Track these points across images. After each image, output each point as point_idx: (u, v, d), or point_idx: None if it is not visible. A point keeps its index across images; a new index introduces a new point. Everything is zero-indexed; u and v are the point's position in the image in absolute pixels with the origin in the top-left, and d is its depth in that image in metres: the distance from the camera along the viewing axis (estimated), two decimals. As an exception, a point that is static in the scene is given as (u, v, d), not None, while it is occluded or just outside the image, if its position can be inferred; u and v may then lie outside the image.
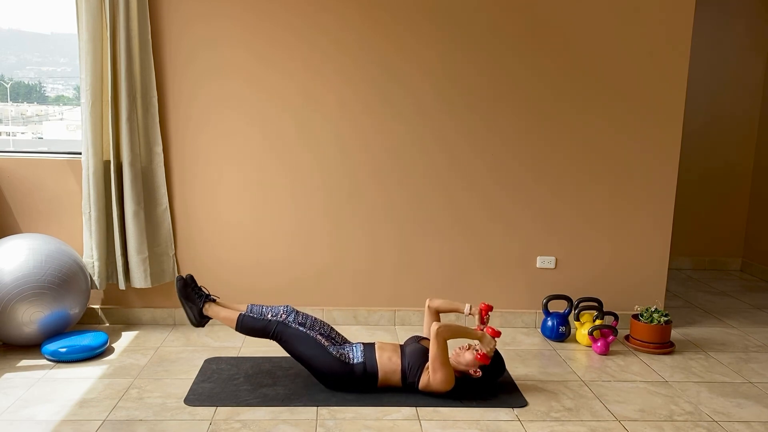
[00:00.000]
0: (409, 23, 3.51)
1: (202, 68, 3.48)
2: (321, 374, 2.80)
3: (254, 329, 2.82)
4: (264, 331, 2.81)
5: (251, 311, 2.88)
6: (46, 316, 3.15)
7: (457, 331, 2.72)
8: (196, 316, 2.89)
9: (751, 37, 5.22)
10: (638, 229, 3.76)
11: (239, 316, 2.83)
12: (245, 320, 2.82)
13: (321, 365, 2.78)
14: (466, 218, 3.70)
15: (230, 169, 3.58)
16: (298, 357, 2.81)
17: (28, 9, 3.90)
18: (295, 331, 2.80)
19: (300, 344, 2.79)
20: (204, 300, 2.90)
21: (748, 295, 4.72)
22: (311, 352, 2.78)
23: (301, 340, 2.79)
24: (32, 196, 3.54)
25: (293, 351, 2.81)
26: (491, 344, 2.75)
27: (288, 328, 2.81)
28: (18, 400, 2.69)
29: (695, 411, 2.76)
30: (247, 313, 2.87)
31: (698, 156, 5.33)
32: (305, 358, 2.79)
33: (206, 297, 2.91)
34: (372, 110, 3.57)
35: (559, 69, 3.59)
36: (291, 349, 2.81)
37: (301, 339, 2.79)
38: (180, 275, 2.90)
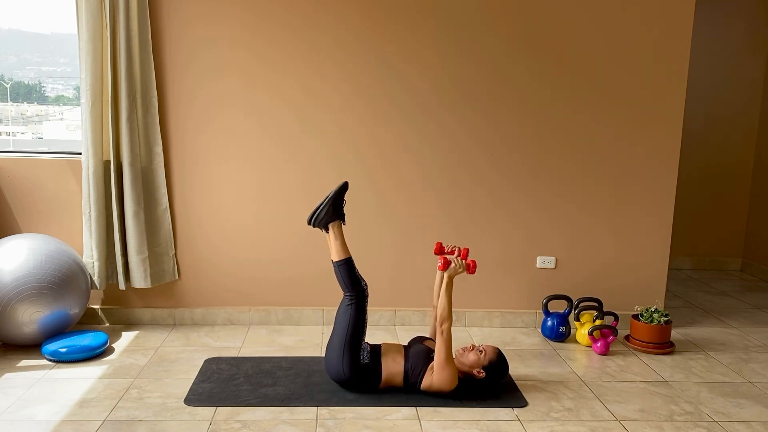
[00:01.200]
0: (409, 23, 3.51)
1: (202, 68, 3.48)
2: (335, 362, 2.78)
3: (350, 274, 2.80)
4: (353, 284, 2.80)
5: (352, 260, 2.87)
6: (46, 316, 3.15)
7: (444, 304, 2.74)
8: (322, 219, 2.85)
9: (751, 37, 5.22)
10: (638, 229, 3.76)
11: (349, 258, 2.82)
12: (352, 262, 2.82)
13: (344, 353, 2.76)
14: (467, 218, 3.70)
15: (230, 169, 3.58)
16: (341, 330, 2.78)
17: (28, 9, 3.90)
18: (364, 311, 2.80)
19: (353, 323, 2.78)
20: (341, 217, 2.88)
21: (748, 295, 4.72)
22: (351, 336, 2.77)
23: (358, 321, 2.78)
24: (32, 196, 3.54)
25: (344, 321, 2.79)
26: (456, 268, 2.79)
27: (364, 302, 2.81)
28: (18, 400, 2.69)
29: (695, 411, 2.76)
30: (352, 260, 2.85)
31: (698, 156, 5.33)
32: (343, 336, 2.77)
33: (343, 217, 2.90)
34: (372, 110, 3.57)
35: (558, 70, 3.59)
36: (346, 317, 2.79)
37: (358, 320, 2.78)
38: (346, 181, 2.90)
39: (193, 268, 3.65)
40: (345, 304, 2.81)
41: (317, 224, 2.87)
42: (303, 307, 3.73)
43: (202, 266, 3.65)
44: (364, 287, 2.82)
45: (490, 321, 3.80)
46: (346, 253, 2.83)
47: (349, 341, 2.77)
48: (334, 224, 2.86)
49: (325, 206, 2.85)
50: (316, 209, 2.86)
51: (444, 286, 2.78)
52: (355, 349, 2.77)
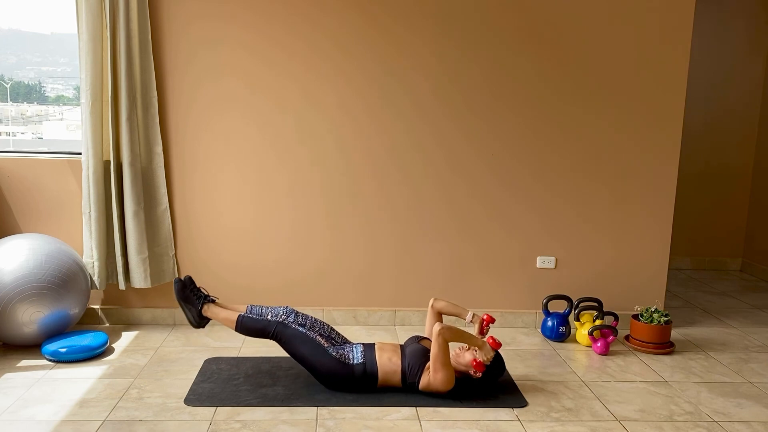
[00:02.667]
0: (409, 23, 3.51)
1: (202, 68, 3.48)
2: (321, 375, 2.80)
3: (254, 330, 2.82)
4: (264, 331, 2.82)
5: (251, 312, 2.88)
6: (46, 316, 3.15)
7: (458, 334, 2.72)
8: (195, 317, 2.89)
9: (751, 37, 5.22)
10: (638, 229, 3.76)
11: (239, 316, 2.84)
12: (245, 321, 2.83)
13: (321, 366, 2.78)
14: (466, 218, 3.70)
15: (230, 169, 3.58)
16: (298, 357, 2.81)
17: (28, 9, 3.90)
18: (295, 331, 2.81)
19: (300, 345, 2.79)
20: (203, 301, 2.90)
21: (748, 295, 4.72)
22: (311, 352, 2.78)
23: (301, 340, 2.79)
24: (32, 196, 3.54)
25: (293, 351, 2.81)
26: (489, 354, 2.77)
27: (287, 328, 2.81)
28: (18, 400, 2.69)
29: (695, 411, 2.76)
30: (247, 313, 2.87)
31: (698, 156, 5.33)
32: (305, 359, 2.79)
33: (205, 298, 2.91)
34: (372, 111, 3.57)
35: (559, 69, 3.59)
36: (291, 349, 2.81)
37: (300, 339, 2.79)
38: (178, 277, 2.90)
39: (193, 268, 3.65)
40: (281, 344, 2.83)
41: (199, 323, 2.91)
42: (303, 307, 3.73)
43: (202, 266, 3.65)
44: (277, 320, 2.82)
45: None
46: (233, 319, 2.84)
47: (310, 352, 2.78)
48: (206, 309, 2.89)
49: (184, 310, 2.90)
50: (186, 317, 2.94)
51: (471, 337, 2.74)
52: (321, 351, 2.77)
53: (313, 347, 2.78)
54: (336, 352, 2.80)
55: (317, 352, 2.78)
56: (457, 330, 2.72)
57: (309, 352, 2.78)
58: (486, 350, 2.76)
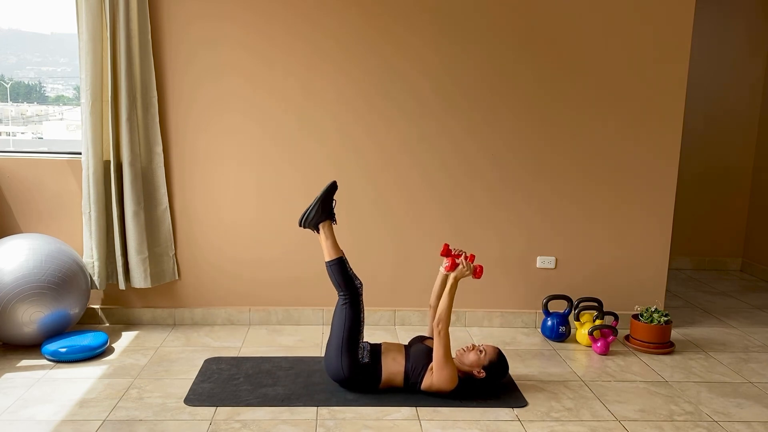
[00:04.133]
0: (409, 23, 3.51)
1: (202, 68, 3.48)
2: (334, 362, 2.78)
3: (342, 275, 2.80)
4: (346, 284, 2.80)
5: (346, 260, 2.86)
6: (46, 316, 3.15)
7: (445, 307, 2.72)
8: (312, 220, 2.85)
9: (751, 37, 5.22)
10: (638, 229, 3.76)
11: (340, 257, 2.82)
12: (344, 261, 2.82)
13: (343, 355, 2.76)
14: (467, 218, 3.70)
15: (230, 169, 3.58)
16: (338, 329, 2.79)
17: (28, 9, 3.90)
18: (359, 309, 2.80)
19: (349, 321, 2.78)
20: (331, 217, 2.88)
21: (748, 295, 4.72)
22: (349, 336, 2.77)
23: (354, 320, 2.78)
24: (32, 196, 3.54)
25: (340, 321, 2.79)
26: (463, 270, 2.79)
27: (359, 300, 2.81)
28: (18, 400, 2.69)
29: (695, 411, 2.76)
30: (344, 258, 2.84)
31: (698, 156, 5.33)
32: (340, 335, 2.78)
33: (333, 217, 2.89)
34: (372, 110, 3.57)
35: (558, 69, 3.59)
36: (342, 316, 2.79)
37: (354, 319, 2.78)
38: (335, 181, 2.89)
39: (193, 268, 3.65)
40: (340, 305, 2.81)
41: (308, 225, 2.87)
42: (303, 307, 3.73)
43: (202, 266, 3.65)
44: (357, 286, 2.82)
45: (490, 321, 3.80)
46: (337, 252, 2.83)
47: (346, 341, 2.77)
48: (325, 224, 2.86)
49: (314, 207, 2.85)
50: (306, 210, 2.86)
51: (448, 288, 2.77)
52: (353, 349, 2.77)
53: (354, 336, 2.78)
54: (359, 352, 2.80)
55: (351, 341, 2.77)
56: (442, 307, 2.72)
57: (348, 335, 2.77)
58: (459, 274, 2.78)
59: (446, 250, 2.92)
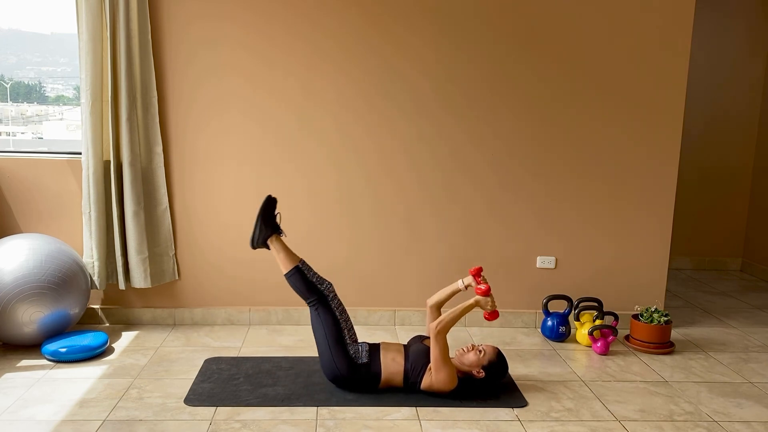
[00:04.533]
0: (409, 23, 3.51)
1: (202, 68, 3.48)
2: (329, 367, 2.79)
3: (302, 283, 2.79)
4: (308, 291, 2.79)
5: (304, 267, 2.83)
6: (46, 316, 3.15)
7: (453, 318, 2.72)
8: (258, 239, 2.85)
9: (751, 37, 5.22)
10: (638, 229, 3.76)
11: (298, 263, 2.81)
12: (300, 271, 2.79)
13: (334, 358, 2.76)
14: (466, 218, 3.70)
15: (230, 169, 3.58)
16: (319, 338, 2.79)
17: (28, 9, 3.90)
18: (332, 312, 2.79)
19: (328, 328, 2.77)
20: (277, 231, 2.87)
21: (748, 295, 4.72)
22: (333, 340, 2.77)
23: (331, 324, 2.78)
24: (32, 196, 3.54)
25: (319, 329, 2.79)
26: (488, 302, 2.78)
27: (329, 303, 2.80)
28: (18, 400, 2.69)
29: (695, 411, 2.76)
30: (301, 266, 2.82)
31: (698, 156, 5.33)
32: (325, 343, 2.78)
33: (279, 229, 2.88)
34: (372, 110, 3.57)
35: (558, 69, 3.59)
36: (318, 325, 2.79)
37: (331, 323, 2.78)
38: (272, 196, 2.88)
39: (193, 268, 3.66)
40: (313, 314, 2.81)
41: (258, 245, 2.87)
42: (303, 307, 3.73)
43: (202, 266, 3.65)
44: (323, 290, 2.81)
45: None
46: (293, 261, 2.82)
47: (333, 344, 2.77)
48: (272, 239, 2.86)
49: (257, 226, 2.86)
50: (252, 232, 2.87)
51: (464, 306, 2.76)
52: (342, 347, 2.77)
53: (338, 337, 2.77)
54: (351, 349, 2.80)
55: (338, 343, 2.77)
56: (450, 316, 2.72)
57: (332, 339, 2.77)
58: (482, 303, 2.78)
59: (478, 271, 2.92)
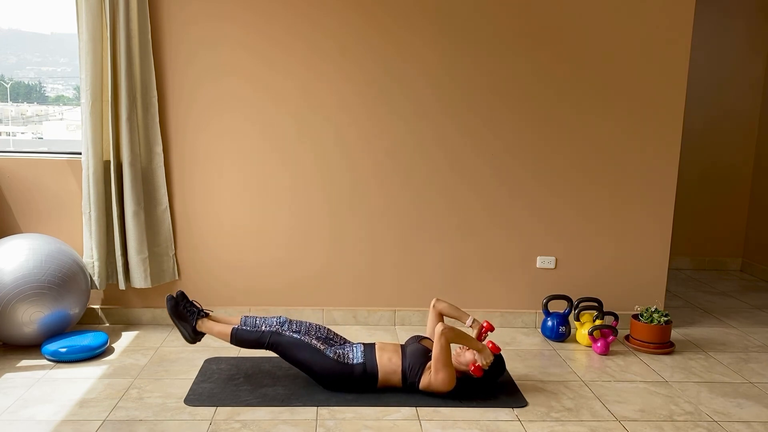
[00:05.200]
0: (409, 23, 3.51)
1: (202, 68, 3.48)
2: (321, 377, 2.80)
3: (249, 341, 2.83)
4: (258, 342, 2.82)
5: (245, 323, 2.89)
6: (46, 316, 3.15)
7: (460, 336, 2.72)
8: (190, 333, 2.88)
9: (751, 37, 5.22)
10: (638, 229, 3.76)
11: (233, 329, 2.83)
12: (239, 333, 2.83)
13: (319, 368, 2.78)
14: (466, 218, 3.70)
15: (230, 169, 3.58)
16: (297, 363, 2.82)
17: (28, 9, 3.90)
18: (290, 338, 2.81)
19: (297, 351, 2.80)
20: (197, 317, 2.89)
21: (748, 295, 4.72)
22: (308, 356, 2.79)
23: (297, 346, 2.80)
24: (32, 196, 3.54)
25: (291, 358, 2.82)
26: (489, 358, 2.77)
27: (282, 337, 2.82)
28: (18, 400, 2.69)
29: (695, 411, 2.76)
30: (241, 326, 2.87)
31: (698, 156, 5.33)
32: (303, 364, 2.80)
33: (198, 313, 2.90)
34: (372, 111, 3.57)
35: (559, 69, 3.59)
36: (289, 356, 2.82)
37: (296, 346, 2.80)
38: (171, 294, 2.88)
39: (193, 268, 3.66)
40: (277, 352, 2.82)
41: (195, 338, 2.89)
42: (303, 307, 3.73)
43: (202, 266, 3.65)
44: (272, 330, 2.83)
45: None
46: (227, 333, 2.83)
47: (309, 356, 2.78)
48: (201, 325, 2.87)
49: (178, 327, 2.88)
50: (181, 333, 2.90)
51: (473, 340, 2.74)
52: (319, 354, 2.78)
53: (311, 351, 2.79)
54: (334, 352, 2.80)
55: (315, 355, 2.78)
56: (459, 331, 2.72)
57: (306, 356, 2.79)
58: (485, 354, 2.76)
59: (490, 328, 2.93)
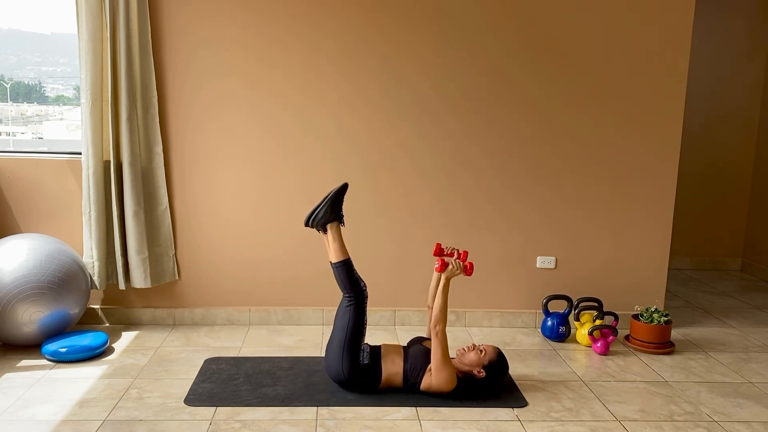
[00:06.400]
0: (409, 23, 3.51)
1: (202, 68, 3.48)
2: (335, 364, 2.78)
3: (349, 276, 2.80)
4: (351, 286, 2.79)
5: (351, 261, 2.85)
6: (46, 316, 3.15)
7: (439, 307, 2.72)
8: (320, 220, 2.83)
9: (751, 37, 5.22)
10: (638, 229, 3.76)
11: (347, 259, 2.82)
12: (350, 263, 2.81)
13: (344, 354, 2.76)
14: (466, 218, 3.70)
15: (230, 169, 3.58)
16: (340, 330, 2.78)
17: (28, 9, 3.90)
18: (363, 312, 2.79)
19: (352, 324, 2.77)
20: (339, 219, 2.87)
21: (748, 295, 4.72)
22: (350, 337, 2.76)
23: (357, 322, 2.77)
24: (32, 196, 3.54)
25: (344, 321, 2.78)
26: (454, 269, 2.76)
27: (363, 304, 2.80)
28: (18, 400, 2.69)
29: (695, 411, 2.76)
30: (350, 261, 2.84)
31: (698, 155, 5.33)
32: (342, 337, 2.77)
33: (341, 219, 2.88)
34: (372, 110, 3.57)
35: (559, 69, 3.59)
36: (346, 318, 2.78)
37: (358, 321, 2.78)
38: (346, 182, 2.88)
39: (193, 268, 3.66)
40: (344, 305, 2.81)
41: (315, 224, 2.86)
42: (303, 307, 3.73)
43: (202, 266, 3.65)
44: (363, 288, 2.81)
45: (490, 321, 3.80)
46: (344, 254, 2.83)
47: (348, 342, 2.77)
48: (332, 225, 2.85)
49: (323, 207, 2.83)
50: (314, 209, 2.84)
51: (441, 288, 2.77)
52: (354, 350, 2.77)
53: (355, 338, 2.77)
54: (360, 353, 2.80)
55: (353, 343, 2.77)
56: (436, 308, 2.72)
57: (350, 337, 2.76)
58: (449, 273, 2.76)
59: (438, 249, 2.92)
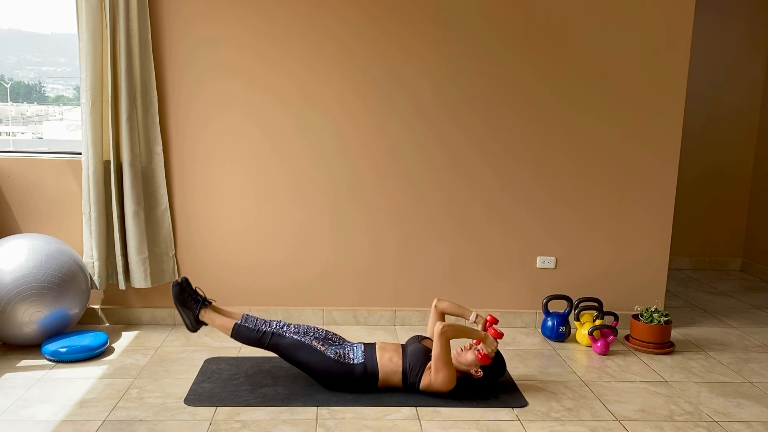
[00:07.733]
0: (409, 23, 3.51)
1: (202, 68, 3.48)
2: (322, 377, 2.80)
3: (249, 339, 2.83)
4: (259, 341, 2.83)
5: (246, 321, 2.89)
6: (46, 316, 3.15)
7: (460, 330, 2.72)
8: (192, 321, 2.89)
9: (751, 37, 5.22)
10: (638, 229, 3.76)
11: (235, 325, 2.84)
12: (241, 330, 2.83)
13: (320, 368, 2.78)
14: (466, 218, 3.70)
15: (230, 169, 3.58)
16: (297, 364, 2.82)
17: (28, 9, 3.90)
18: (290, 339, 2.82)
19: (297, 351, 2.80)
20: (200, 305, 2.89)
21: (748, 295, 4.72)
22: (308, 357, 2.79)
23: (297, 347, 2.80)
24: (32, 196, 3.54)
25: (292, 359, 2.82)
26: (493, 345, 2.76)
27: (283, 338, 2.82)
28: (18, 400, 2.69)
29: (695, 411, 2.76)
30: (242, 322, 2.87)
31: (698, 156, 5.33)
32: (304, 364, 2.81)
33: (202, 302, 2.90)
34: (372, 111, 3.57)
35: (559, 69, 3.59)
36: (289, 357, 2.82)
37: (296, 346, 2.80)
38: (176, 280, 2.89)
39: (193, 268, 3.65)
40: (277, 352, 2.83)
41: (196, 326, 2.90)
42: (303, 308, 3.73)
43: (202, 266, 3.65)
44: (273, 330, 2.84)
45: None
46: (231, 322, 2.85)
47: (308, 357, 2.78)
48: (203, 315, 2.88)
49: (182, 314, 2.88)
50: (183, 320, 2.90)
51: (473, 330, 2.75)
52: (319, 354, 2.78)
53: (310, 352, 2.80)
54: (334, 352, 2.81)
55: (315, 355, 2.79)
56: (459, 326, 2.72)
57: (307, 357, 2.79)
58: (489, 342, 2.77)
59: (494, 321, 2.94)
